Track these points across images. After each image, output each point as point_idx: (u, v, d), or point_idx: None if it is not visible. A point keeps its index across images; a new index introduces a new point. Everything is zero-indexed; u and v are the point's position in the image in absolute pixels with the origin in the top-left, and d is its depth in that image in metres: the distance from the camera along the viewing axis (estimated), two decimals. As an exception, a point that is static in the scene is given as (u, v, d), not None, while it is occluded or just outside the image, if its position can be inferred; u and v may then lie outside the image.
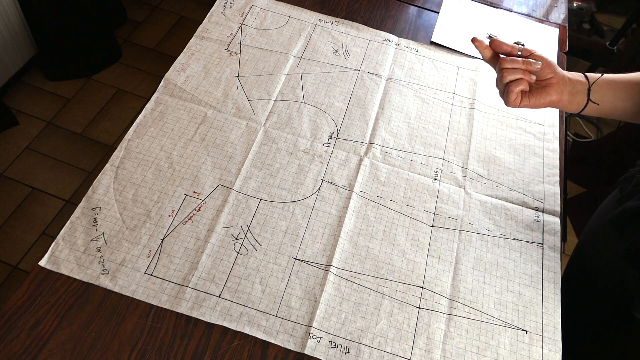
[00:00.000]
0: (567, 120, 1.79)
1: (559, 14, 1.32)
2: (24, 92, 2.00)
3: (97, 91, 2.05)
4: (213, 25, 1.14)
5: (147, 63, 2.16)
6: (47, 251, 0.80)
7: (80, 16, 1.96)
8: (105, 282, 0.77)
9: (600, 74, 0.77)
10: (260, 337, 0.75)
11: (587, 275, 0.94)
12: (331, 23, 1.18)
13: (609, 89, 0.76)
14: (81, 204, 0.85)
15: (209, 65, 1.06)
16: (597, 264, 0.92)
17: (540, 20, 1.28)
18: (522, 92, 0.76)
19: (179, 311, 0.76)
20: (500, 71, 0.76)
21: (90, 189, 0.87)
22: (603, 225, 0.88)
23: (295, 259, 0.83)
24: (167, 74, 1.03)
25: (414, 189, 0.93)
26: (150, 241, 0.82)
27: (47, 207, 1.73)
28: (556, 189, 0.97)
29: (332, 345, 0.75)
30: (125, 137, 0.94)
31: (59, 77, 2.04)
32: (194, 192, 0.88)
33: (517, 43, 0.78)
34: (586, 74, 0.78)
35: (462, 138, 1.02)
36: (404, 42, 1.17)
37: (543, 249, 0.89)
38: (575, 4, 2.18)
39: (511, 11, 1.29)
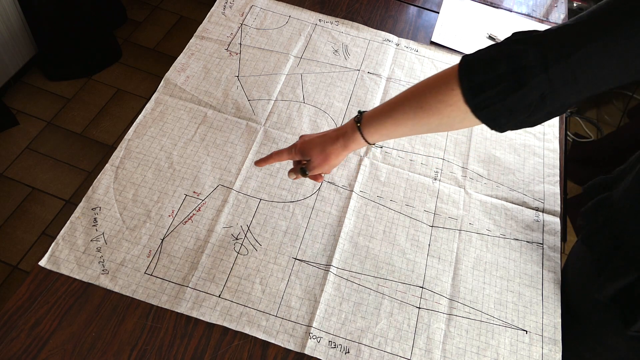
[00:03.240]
0: (567, 120, 1.79)
1: (559, 14, 1.32)
2: (24, 92, 2.00)
3: (97, 91, 2.04)
4: (213, 25, 1.14)
5: (147, 63, 2.16)
6: (47, 251, 0.80)
7: (80, 16, 1.96)
8: (105, 282, 0.77)
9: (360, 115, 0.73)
10: (260, 337, 0.75)
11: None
12: (331, 23, 1.18)
13: (379, 122, 0.70)
14: (81, 204, 0.85)
15: (209, 65, 1.06)
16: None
17: (540, 20, 1.28)
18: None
19: (179, 311, 0.76)
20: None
21: (90, 189, 0.87)
22: (594, 302, 0.79)
23: (295, 259, 0.83)
24: (167, 74, 1.03)
25: (414, 189, 0.93)
26: (150, 241, 0.82)
27: (47, 207, 1.73)
28: (556, 189, 0.97)
29: (332, 345, 0.75)
30: (125, 137, 0.94)
31: (59, 77, 2.04)
32: (194, 192, 0.88)
33: None
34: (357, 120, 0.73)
35: (462, 138, 1.02)
36: (404, 42, 1.17)
37: (543, 249, 0.89)
38: (575, 4, 2.18)
39: (511, 11, 1.29)
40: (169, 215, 0.85)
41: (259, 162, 0.81)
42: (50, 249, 0.80)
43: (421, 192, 0.93)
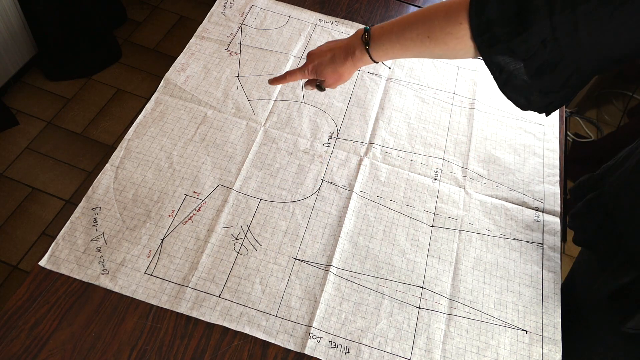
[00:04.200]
0: (567, 120, 1.79)
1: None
2: (24, 92, 1.99)
3: (97, 91, 2.04)
4: (213, 25, 1.14)
5: (147, 63, 2.16)
6: (47, 251, 0.80)
7: (80, 16, 1.96)
8: (105, 282, 0.77)
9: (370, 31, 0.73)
10: (260, 337, 0.75)
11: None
12: (331, 23, 1.18)
13: (387, 45, 0.71)
14: (81, 204, 0.85)
15: (209, 65, 1.06)
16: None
17: (540, 20, 1.28)
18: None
19: (179, 311, 0.76)
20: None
21: (90, 189, 0.87)
22: (596, 301, 0.80)
23: (295, 259, 0.83)
24: (167, 74, 1.03)
25: (414, 189, 0.93)
26: (150, 241, 0.82)
27: (47, 207, 1.73)
28: (556, 189, 0.97)
29: (332, 345, 0.75)
30: (125, 137, 0.94)
31: (59, 77, 2.04)
32: (194, 192, 0.88)
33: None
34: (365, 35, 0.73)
35: (462, 138, 1.02)
36: (404, 42, 1.17)
37: (543, 249, 0.89)
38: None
39: (511, 11, 1.29)
40: (169, 215, 0.85)
41: (273, 81, 0.85)
42: (50, 249, 0.80)
43: (421, 192, 0.93)
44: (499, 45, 0.59)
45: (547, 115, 0.68)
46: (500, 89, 0.64)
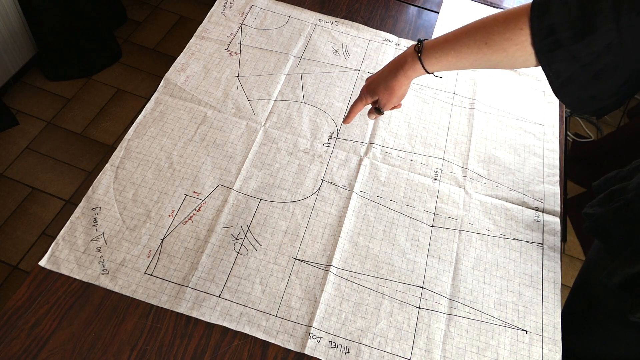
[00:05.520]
0: (567, 120, 1.79)
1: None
2: (24, 92, 1.99)
3: (97, 91, 2.04)
4: (213, 25, 1.14)
5: (147, 63, 2.16)
6: (47, 251, 0.80)
7: (80, 16, 1.96)
8: (105, 282, 0.77)
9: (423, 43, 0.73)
10: (260, 337, 0.75)
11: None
12: (331, 23, 1.18)
13: (441, 53, 0.70)
14: (81, 204, 0.85)
15: (209, 65, 1.06)
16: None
17: (540, 20, 1.28)
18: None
19: (179, 311, 0.76)
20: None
21: (90, 189, 0.87)
22: (605, 290, 0.80)
23: (295, 259, 0.83)
24: (167, 74, 1.03)
25: (414, 189, 0.93)
26: (150, 241, 0.82)
27: (47, 207, 1.73)
28: (556, 189, 0.97)
29: (332, 345, 0.75)
30: (125, 137, 0.94)
31: (59, 77, 2.04)
32: (194, 192, 0.88)
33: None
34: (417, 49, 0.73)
35: (462, 138, 1.02)
36: (404, 42, 1.17)
37: (543, 249, 0.89)
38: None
39: (511, 11, 1.29)
40: (169, 215, 0.85)
41: (346, 120, 0.86)
42: (50, 249, 0.80)
43: (421, 192, 0.93)
44: (560, 49, 0.58)
45: (597, 119, 0.67)
46: (554, 93, 0.64)
